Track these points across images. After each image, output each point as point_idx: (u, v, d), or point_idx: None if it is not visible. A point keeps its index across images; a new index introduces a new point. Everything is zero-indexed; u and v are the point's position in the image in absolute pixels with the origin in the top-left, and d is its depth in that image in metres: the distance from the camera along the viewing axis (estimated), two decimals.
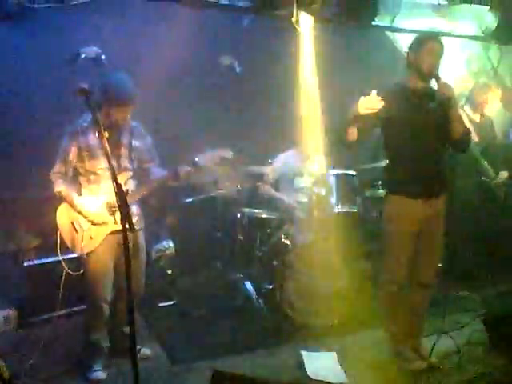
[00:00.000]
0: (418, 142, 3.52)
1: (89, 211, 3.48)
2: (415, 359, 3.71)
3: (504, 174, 5.18)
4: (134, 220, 3.31)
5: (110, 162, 2.68)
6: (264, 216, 5.03)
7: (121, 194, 2.60)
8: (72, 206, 3.50)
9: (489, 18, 5.20)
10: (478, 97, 5.22)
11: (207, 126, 5.35)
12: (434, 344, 3.79)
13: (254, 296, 4.67)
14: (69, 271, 3.59)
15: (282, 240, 4.70)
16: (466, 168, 4.99)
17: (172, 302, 4.93)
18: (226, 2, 4.16)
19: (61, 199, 3.53)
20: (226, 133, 5.40)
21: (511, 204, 5.32)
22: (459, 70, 5.98)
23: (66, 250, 3.59)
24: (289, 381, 3.62)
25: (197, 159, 3.54)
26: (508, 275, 5.14)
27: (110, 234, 3.52)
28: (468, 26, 5.43)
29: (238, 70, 5.56)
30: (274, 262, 4.56)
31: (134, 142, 3.62)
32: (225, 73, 5.54)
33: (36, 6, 3.80)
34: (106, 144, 2.69)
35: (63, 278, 3.61)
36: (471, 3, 5.12)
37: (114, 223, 3.44)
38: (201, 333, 4.35)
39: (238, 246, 4.92)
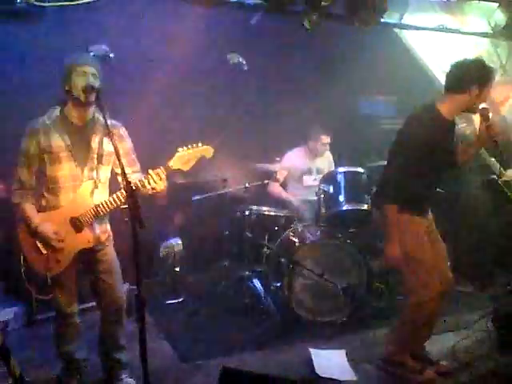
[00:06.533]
0: (441, 170, 3.54)
1: (47, 232, 3.03)
2: (422, 368, 3.63)
3: (511, 172, 5.13)
4: (104, 237, 3.23)
5: (119, 160, 2.68)
6: (272, 213, 5.03)
7: (130, 191, 2.62)
8: (28, 225, 3.07)
9: (498, 15, 5.17)
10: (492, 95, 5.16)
11: (215, 123, 5.36)
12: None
13: (262, 294, 4.68)
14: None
15: (290, 237, 4.71)
16: (474, 166, 4.96)
17: (180, 300, 4.95)
18: (235, 0, 4.15)
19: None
20: (234, 130, 5.41)
21: None
22: None
23: None
24: (297, 378, 3.62)
25: (171, 164, 3.01)
26: None
27: (79, 252, 3.13)
28: (477, 22, 5.40)
29: (245, 67, 5.56)
30: (282, 260, 4.56)
31: (106, 146, 3.13)
32: (233, 70, 5.54)
33: (44, 4, 3.80)
34: (115, 145, 2.66)
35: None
36: (480, 0, 5.08)
37: (85, 241, 3.11)
38: (209, 330, 4.37)
39: (246, 244, 4.92)
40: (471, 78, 3.32)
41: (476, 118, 4.66)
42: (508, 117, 5.29)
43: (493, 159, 5.01)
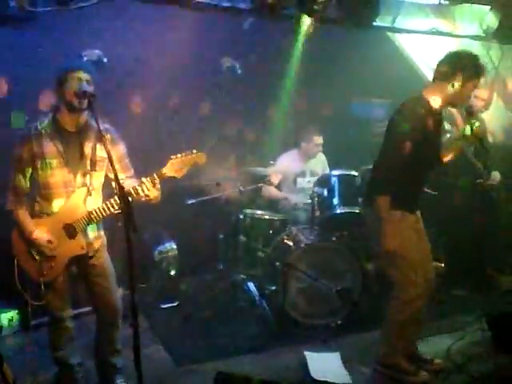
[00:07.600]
0: (429, 162, 3.56)
1: (40, 240, 3.04)
2: (416, 370, 3.64)
3: (496, 175, 5.14)
4: (98, 243, 3.22)
5: (113, 166, 2.67)
6: (266, 217, 5.03)
7: (123, 198, 2.62)
8: (22, 231, 3.08)
9: (490, 18, 5.19)
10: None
11: (209, 128, 5.37)
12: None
13: (257, 297, 4.68)
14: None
15: (285, 241, 4.71)
16: (459, 169, 4.96)
17: (175, 304, 4.94)
18: (227, 4, 4.17)
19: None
20: (228, 133, 5.42)
21: (504, 204, 5.33)
22: None
23: None
24: (292, 382, 3.63)
25: (164, 171, 3.00)
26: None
27: (72, 259, 3.13)
28: (469, 25, 5.43)
29: (239, 71, 5.58)
30: (277, 263, 4.56)
31: (99, 152, 3.10)
32: (226, 74, 5.56)
33: (38, 9, 3.79)
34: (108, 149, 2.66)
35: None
36: (472, 3, 5.11)
37: (78, 247, 3.10)
38: (204, 334, 4.36)
39: (241, 248, 4.93)
40: (455, 66, 3.36)
41: (458, 115, 4.70)
42: (496, 119, 5.31)
43: (478, 162, 5.02)
